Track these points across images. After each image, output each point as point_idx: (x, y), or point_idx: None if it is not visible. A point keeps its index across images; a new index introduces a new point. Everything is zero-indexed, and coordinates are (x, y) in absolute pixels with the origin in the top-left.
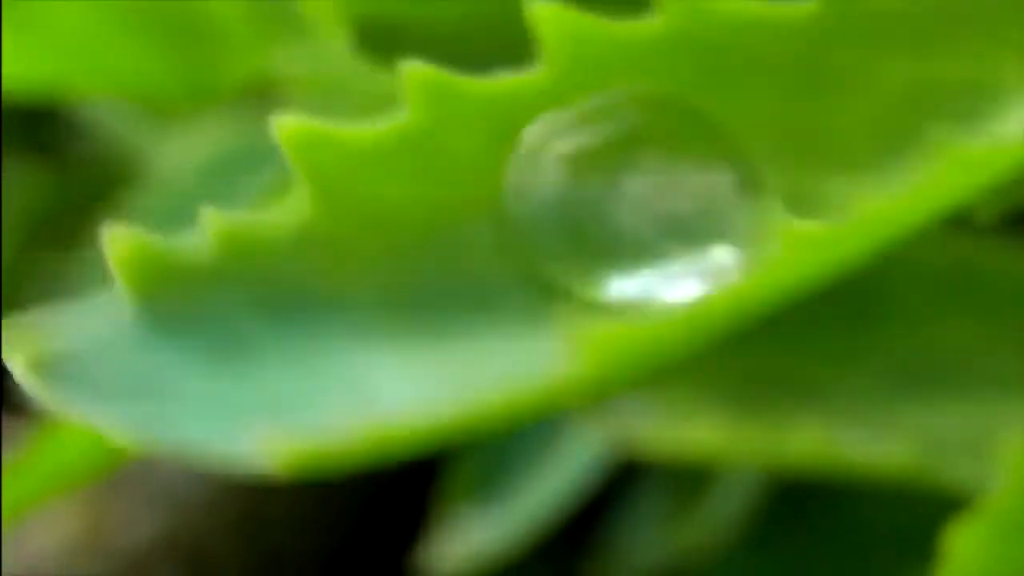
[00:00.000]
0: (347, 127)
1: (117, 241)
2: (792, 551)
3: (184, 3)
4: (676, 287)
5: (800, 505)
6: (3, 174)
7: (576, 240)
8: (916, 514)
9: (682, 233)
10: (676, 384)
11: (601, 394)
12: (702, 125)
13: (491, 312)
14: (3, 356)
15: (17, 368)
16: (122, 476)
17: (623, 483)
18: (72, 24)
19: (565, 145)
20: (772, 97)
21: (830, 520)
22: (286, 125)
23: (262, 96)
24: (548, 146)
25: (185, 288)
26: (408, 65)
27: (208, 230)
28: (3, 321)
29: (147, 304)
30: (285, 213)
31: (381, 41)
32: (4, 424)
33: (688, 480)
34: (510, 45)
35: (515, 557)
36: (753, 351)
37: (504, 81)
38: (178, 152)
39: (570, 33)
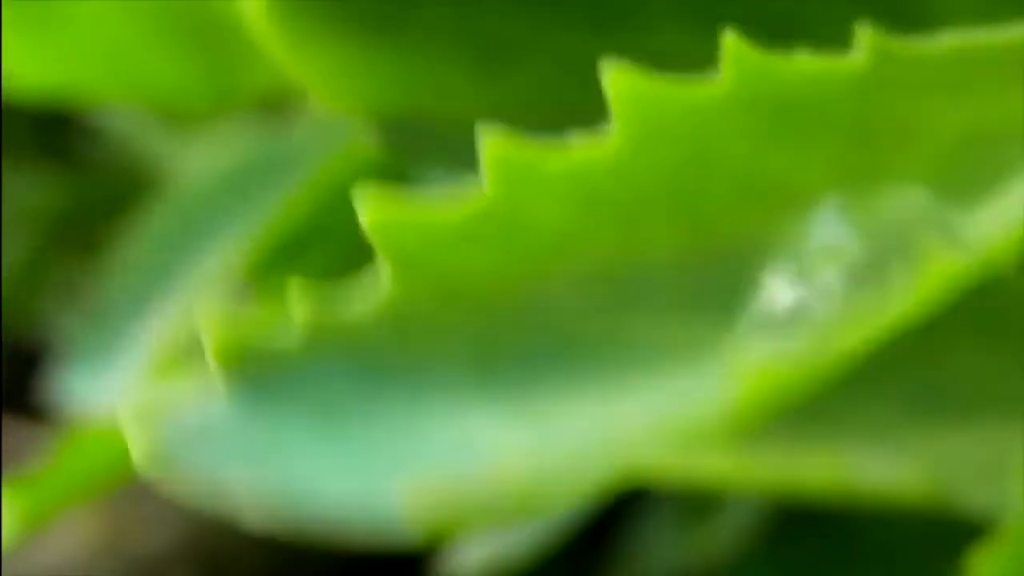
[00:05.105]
0: (427, 204)
1: (213, 327)
2: (802, 564)
3: (206, 11)
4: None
5: (811, 519)
6: (20, 179)
7: None
8: (926, 534)
9: None
10: None
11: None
12: None
13: (586, 367)
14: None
15: (137, 455)
16: (141, 484)
17: (639, 492)
18: (95, 30)
19: None
20: (832, 149)
21: (840, 534)
22: (367, 203)
23: (281, 105)
24: None
25: (280, 369)
26: (487, 136)
27: (295, 315)
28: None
29: (243, 386)
30: (368, 293)
31: (403, 134)
32: (27, 431)
33: (702, 492)
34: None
35: (533, 563)
36: None
37: (578, 150)
38: (196, 160)
39: (641, 97)
